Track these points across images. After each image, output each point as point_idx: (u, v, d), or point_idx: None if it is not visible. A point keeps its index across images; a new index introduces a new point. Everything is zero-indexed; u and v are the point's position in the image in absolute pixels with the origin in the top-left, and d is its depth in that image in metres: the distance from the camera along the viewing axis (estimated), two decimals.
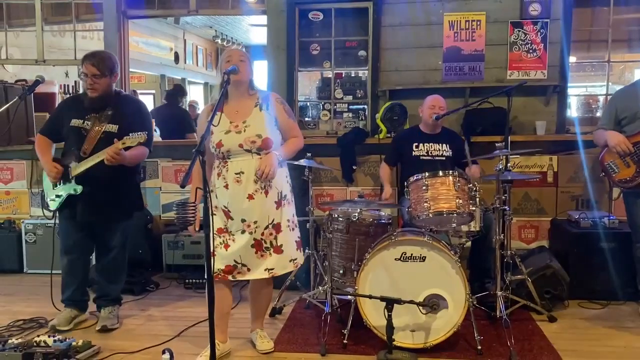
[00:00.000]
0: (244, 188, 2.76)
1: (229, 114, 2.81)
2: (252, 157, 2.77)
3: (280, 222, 2.85)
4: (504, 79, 4.55)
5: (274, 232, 2.83)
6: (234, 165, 2.77)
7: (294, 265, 2.93)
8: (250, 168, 2.75)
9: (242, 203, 2.77)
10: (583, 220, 3.91)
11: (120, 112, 3.29)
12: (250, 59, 2.89)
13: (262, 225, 2.81)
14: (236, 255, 2.81)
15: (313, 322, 3.45)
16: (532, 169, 4.40)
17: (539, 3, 4.46)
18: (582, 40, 4.77)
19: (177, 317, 3.65)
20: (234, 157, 2.78)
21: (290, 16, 4.79)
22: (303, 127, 5.04)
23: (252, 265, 2.83)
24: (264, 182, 2.75)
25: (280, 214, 2.85)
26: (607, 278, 3.75)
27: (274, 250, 2.84)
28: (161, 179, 4.86)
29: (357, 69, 5.04)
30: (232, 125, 2.78)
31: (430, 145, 3.92)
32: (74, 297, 3.47)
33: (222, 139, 2.76)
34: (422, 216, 3.12)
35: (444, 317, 2.95)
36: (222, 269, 2.80)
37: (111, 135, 3.20)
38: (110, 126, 3.24)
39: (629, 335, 3.26)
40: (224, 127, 2.77)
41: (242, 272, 2.83)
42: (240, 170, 2.76)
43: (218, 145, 2.77)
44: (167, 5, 5.05)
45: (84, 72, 3.23)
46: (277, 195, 2.84)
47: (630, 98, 3.49)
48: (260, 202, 2.78)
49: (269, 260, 2.84)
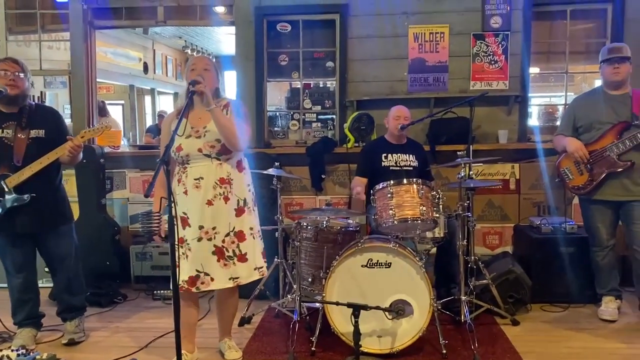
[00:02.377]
0: (203, 194, 2.76)
1: (192, 120, 2.82)
2: (211, 162, 2.78)
3: (243, 229, 2.85)
4: (467, 89, 4.68)
5: (236, 240, 2.82)
6: (194, 171, 2.79)
7: (259, 274, 2.93)
8: (210, 173, 2.77)
9: (201, 209, 2.77)
10: (544, 226, 4.04)
11: (38, 117, 3.25)
12: (216, 67, 2.90)
13: (222, 232, 2.80)
14: (197, 264, 2.79)
15: (282, 331, 3.47)
16: (495, 176, 4.52)
17: (499, 16, 4.61)
18: (542, 52, 4.93)
19: (144, 328, 3.62)
20: (194, 162, 2.79)
21: (258, 27, 4.84)
22: (273, 136, 5.08)
23: (215, 275, 2.81)
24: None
25: (242, 222, 2.85)
26: (567, 282, 3.88)
27: (238, 259, 2.83)
28: (129, 189, 4.83)
29: (325, 80, 5.11)
30: (192, 131, 2.79)
31: (399, 156, 3.99)
32: (32, 314, 3.38)
33: (181, 143, 2.77)
34: (387, 223, 3.19)
35: (409, 322, 3.00)
36: (186, 280, 2.78)
37: (40, 140, 3.18)
38: (36, 131, 3.19)
39: (587, 337, 3.38)
40: (186, 133, 2.77)
41: (206, 282, 2.81)
42: (199, 176, 2.77)
43: (178, 150, 2.78)
44: (135, 15, 5.03)
45: (3, 70, 3.11)
46: (238, 203, 2.84)
47: (587, 107, 3.64)
48: (219, 208, 2.78)
49: (233, 269, 2.83)
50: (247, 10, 4.82)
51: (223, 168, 2.80)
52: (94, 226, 4.44)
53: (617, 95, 3.53)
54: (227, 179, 2.80)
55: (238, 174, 2.87)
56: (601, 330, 3.47)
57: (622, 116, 3.46)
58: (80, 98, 4.98)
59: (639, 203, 3.45)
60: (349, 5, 4.73)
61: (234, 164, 2.85)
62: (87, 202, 4.48)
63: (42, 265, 3.46)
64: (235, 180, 2.84)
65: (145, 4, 4.95)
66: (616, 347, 3.21)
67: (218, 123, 2.68)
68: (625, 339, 3.32)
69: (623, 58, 3.47)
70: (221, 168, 2.80)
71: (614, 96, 3.54)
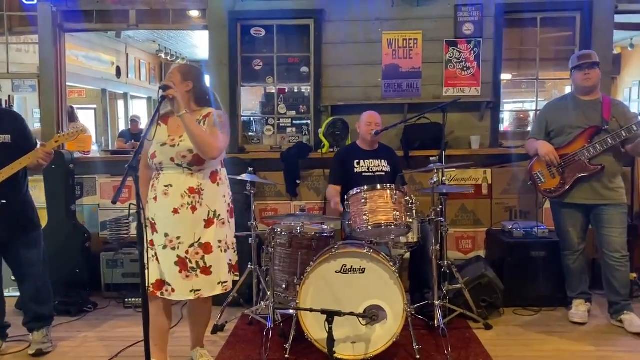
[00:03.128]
0: (170, 201, 2.72)
1: (171, 127, 2.79)
2: (182, 172, 2.74)
3: (210, 242, 2.76)
4: (440, 95, 4.72)
5: (200, 251, 2.74)
6: (164, 178, 2.75)
7: (222, 289, 2.82)
8: (179, 182, 2.72)
9: (167, 217, 2.72)
10: (516, 230, 4.09)
11: (5, 122, 3.18)
12: (191, 76, 2.82)
13: (186, 243, 2.73)
14: (160, 273, 2.74)
15: (255, 338, 3.43)
16: (468, 181, 4.56)
17: (472, 23, 4.68)
18: (514, 58, 5.01)
19: (115, 337, 3.54)
20: (166, 170, 2.76)
21: (232, 32, 4.81)
22: (247, 142, 5.05)
23: (176, 286, 2.73)
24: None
25: (210, 234, 2.77)
26: (539, 285, 3.94)
27: (201, 271, 2.74)
28: (99, 195, 4.74)
29: (300, 85, 5.10)
30: (169, 139, 2.76)
31: (371, 162, 4.00)
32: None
33: (156, 150, 2.75)
34: (361, 229, 3.19)
35: (383, 327, 3.00)
36: (153, 284, 2.72)
37: (7, 146, 3.12)
38: (2, 137, 3.13)
39: (559, 340, 3.42)
40: (162, 140, 2.75)
41: (169, 291, 2.75)
42: (169, 183, 2.73)
43: (152, 157, 2.76)
44: (106, 19, 4.96)
45: None
46: (208, 214, 2.76)
47: (559, 111, 3.70)
48: (185, 217, 2.72)
49: (196, 281, 2.74)
50: (221, 14, 4.79)
51: (193, 178, 2.75)
52: (63, 233, 4.35)
53: (588, 101, 3.60)
54: (197, 188, 2.74)
55: (211, 185, 2.80)
56: (572, 333, 3.52)
57: (592, 121, 3.53)
58: (49, 102, 4.88)
59: (609, 207, 3.52)
60: (323, 10, 4.74)
61: (206, 175, 2.79)
62: (55, 208, 4.37)
63: (8, 274, 3.37)
64: (207, 191, 2.77)
65: (117, 7, 4.87)
66: (586, 350, 3.26)
67: (188, 129, 2.62)
68: (594, 341, 3.38)
69: (593, 64, 3.54)
70: (191, 178, 2.75)
71: (584, 102, 3.61)
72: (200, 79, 2.87)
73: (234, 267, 2.92)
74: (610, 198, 3.52)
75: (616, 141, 3.43)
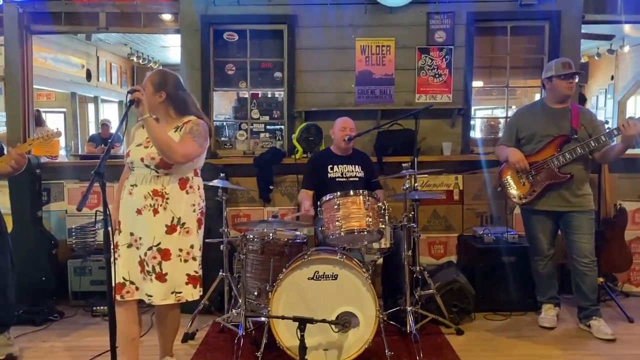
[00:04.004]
0: (134, 201, 2.71)
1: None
2: (149, 173, 2.73)
3: (170, 249, 2.71)
4: (412, 102, 4.76)
5: (158, 256, 2.69)
6: (133, 177, 2.77)
7: (175, 299, 2.74)
8: (144, 183, 2.72)
9: (131, 216, 2.72)
10: (486, 235, 4.13)
11: None
12: (164, 86, 2.78)
13: (145, 244, 2.70)
14: (124, 271, 2.70)
15: (227, 346, 3.39)
16: (440, 187, 4.60)
17: (443, 31, 4.73)
18: (485, 66, 5.08)
19: (82, 347, 3.46)
20: (136, 170, 2.77)
21: (205, 36, 4.76)
22: (220, 147, 5.00)
23: (139, 284, 2.72)
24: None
25: (171, 241, 2.72)
26: (509, 290, 3.98)
27: (155, 277, 2.70)
28: (67, 201, 4.62)
29: (273, 90, 5.08)
30: (145, 140, 2.76)
31: (345, 167, 4.00)
32: None
33: (131, 149, 2.78)
34: (334, 235, 3.19)
35: (355, 334, 2.99)
36: (114, 287, 2.66)
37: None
38: None
39: (528, 344, 3.47)
40: (140, 141, 2.78)
41: (131, 291, 2.71)
42: (134, 183, 2.74)
43: (127, 155, 2.79)
44: (75, 21, 4.85)
45: None
46: (172, 220, 2.72)
47: (529, 119, 3.75)
48: (146, 219, 2.69)
49: (149, 285, 2.70)
50: (193, 18, 4.74)
51: (159, 180, 2.72)
52: (29, 240, 4.23)
53: (558, 109, 3.66)
54: (161, 192, 2.70)
55: (178, 191, 2.75)
56: (541, 337, 3.57)
57: (562, 129, 3.59)
58: (15, 105, 4.75)
59: (577, 214, 3.58)
60: (296, 16, 4.74)
61: (173, 180, 2.74)
62: (21, 214, 4.25)
63: None
64: (173, 197, 2.73)
65: (86, 10, 4.78)
66: (555, 354, 3.31)
67: (149, 132, 2.63)
68: (563, 345, 3.43)
69: (576, 73, 3.61)
70: (157, 180, 2.72)
71: (555, 110, 3.67)
72: (176, 87, 2.84)
73: (196, 280, 2.80)
74: (579, 205, 3.58)
75: (585, 151, 3.50)
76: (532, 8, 4.71)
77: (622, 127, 3.39)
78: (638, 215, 4.50)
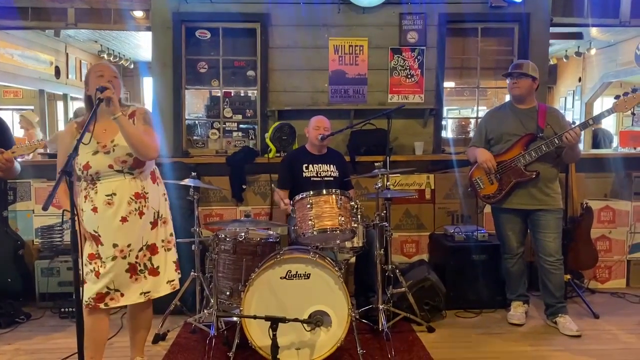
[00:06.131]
0: (115, 211, 2.62)
1: (97, 133, 2.57)
2: (124, 178, 2.65)
3: (155, 242, 2.75)
4: (385, 102, 4.79)
5: (148, 253, 2.72)
6: (105, 187, 2.62)
7: (171, 287, 2.82)
8: (124, 189, 2.63)
9: (114, 226, 2.62)
10: (457, 234, 4.18)
11: None
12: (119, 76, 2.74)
13: (136, 249, 2.68)
14: (109, 282, 2.64)
15: (198, 347, 3.35)
16: (412, 186, 4.64)
17: (416, 31, 4.77)
18: (456, 67, 5.15)
19: (49, 349, 3.38)
20: (105, 179, 2.63)
21: (177, 33, 4.71)
22: (192, 145, 4.95)
23: (126, 290, 2.68)
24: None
25: (156, 235, 2.76)
26: (479, 288, 4.04)
27: (149, 273, 2.72)
28: (34, 201, 4.51)
29: (246, 89, 5.06)
30: (99, 146, 2.62)
31: (320, 166, 4.01)
32: None
33: (89, 160, 2.60)
34: (307, 234, 3.18)
35: (328, 333, 2.99)
36: (94, 297, 2.62)
37: None
38: None
39: (498, 341, 3.52)
40: (92, 148, 2.59)
41: (116, 298, 2.67)
42: (112, 192, 2.62)
43: (85, 168, 2.60)
44: (43, 16, 4.76)
45: None
46: (154, 215, 2.74)
47: (497, 120, 3.82)
48: (134, 224, 2.66)
49: (144, 283, 2.71)
50: (165, 15, 4.69)
51: (137, 182, 2.68)
52: None
53: (524, 109, 3.73)
54: (142, 193, 2.68)
55: (152, 186, 2.75)
56: (510, 334, 3.64)
57: (529, 129, 3.66)
58: None
59: (545, 212, 3.65)
60: (270, 15, 4.73)
61: (147, 177, 2.73)
62: None
63: None
64: (151, 193, 2.73)
65: (55, 5, 4.69)
66: (524, 350, 3.37)
67: (125, 132, 2.53)
68: (532, 341, 3.50)
69: (521, 74, 3.67)
70: (135, 182, 2.67)
71: (521, 110, 3.74)
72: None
73: (177, 265, 2.89)
74: (547, 203, 3.65)
75: (550, 148, 3.57)
76: (502, 10, 4.80)
77: (565, 139, 3.47)
78: (604, 214, 4.62)
